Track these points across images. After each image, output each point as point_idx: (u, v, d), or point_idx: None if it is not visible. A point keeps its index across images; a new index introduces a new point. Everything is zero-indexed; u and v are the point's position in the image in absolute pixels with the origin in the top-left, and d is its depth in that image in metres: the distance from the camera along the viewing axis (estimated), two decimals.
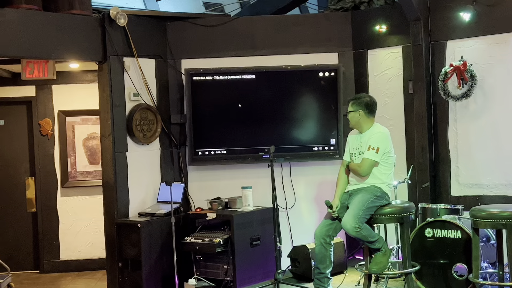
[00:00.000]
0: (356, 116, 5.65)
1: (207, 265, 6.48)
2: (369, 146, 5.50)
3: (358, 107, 5.64)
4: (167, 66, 7.01)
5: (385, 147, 5.53)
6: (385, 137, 5.57)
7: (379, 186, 5.49)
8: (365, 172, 5.51)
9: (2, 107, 7.98)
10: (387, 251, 5.43)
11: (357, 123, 5.68)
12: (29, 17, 5.95)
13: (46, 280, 7.71)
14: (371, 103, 5.68)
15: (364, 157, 5.52)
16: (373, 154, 5.48)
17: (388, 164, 5.58)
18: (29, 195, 8.08)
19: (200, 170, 7.04)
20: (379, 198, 5.46)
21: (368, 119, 5.65)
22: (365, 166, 5.50)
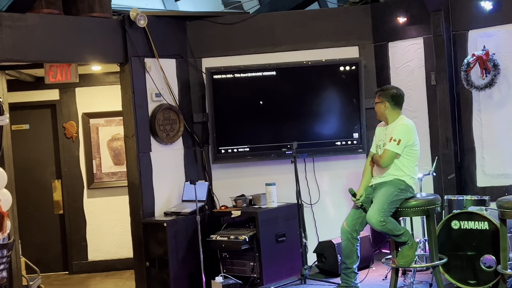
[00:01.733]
0: (381, 107, 5.62)
1: (234, 263, 6.50)
2: (391, 137, 5.47)
3: (384, 99, 5.60)
4: (188, 65, 7.04)
5: (407, 139, 5.48)
6: (408, 129, 5.53)
7: (403, 179, 5.46)
8: (385, 163, 5.47)
9: (27, 111, 8.07)
10: (414, 244, 5.39)
11: (383, 115, 5.64)
12: (51, 21, 6.02)
13: (75, 281, 7.80)
14: (397, 95, 5.63)
15: (385, 148, 5.50)
16: (394, 145, 5.44)
17: (412, 157, 5.53)
18: (56, 198, 8.18)
19: (224, 168, 7.06)
20: (404, 191, 5.42)
21: (393, 111, 5.62)
22: (385, 157, 5.47)
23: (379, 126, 5.78)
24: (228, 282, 6.04)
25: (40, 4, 6.02)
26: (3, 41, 5.65)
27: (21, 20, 5.77)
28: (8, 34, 5.68)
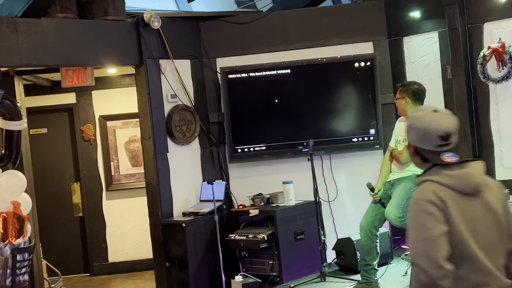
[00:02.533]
0: (402, 103, 5.56)
1: (253, 261, 6.51)
2: None
3: (405, 94, 5.56)
4: (202, 65, 7.06)
5: None
6: None
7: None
8: (405, 159, 5.43)
9: (45, 115, 8.15)
10: None
11: (403, 111, 5.58)
12: (66, 25, 6.07)
13: (96, 282, 7.87)
14: (419, 90, 5.58)
15: (405, 144, 5.46)
16: None
17: None
18: (75, 200, 8.25)
19: (241, 167, 7.08)
20: None
21: (414, 107, 5.57)
22: (405, 153, 5.43)
23: (399, 121, 5.74)
24: (247, 281, 6.05)
25: (54, 9, 6.07)
26: (19, 47, 5.71)
27: (36, 25, 5.82)
28: (24, 40, 5.74)
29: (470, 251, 2.37)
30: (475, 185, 2.45)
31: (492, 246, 2.43)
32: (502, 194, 2.54)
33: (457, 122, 2.53)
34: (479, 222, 2.43)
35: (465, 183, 2.44)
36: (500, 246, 2.46)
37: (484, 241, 2.41)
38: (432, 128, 2.47)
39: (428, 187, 2.45)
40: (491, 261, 2.41)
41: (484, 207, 2.46)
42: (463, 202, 2.42)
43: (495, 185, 2.56)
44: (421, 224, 2.37)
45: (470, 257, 2.37)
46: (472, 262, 2.38)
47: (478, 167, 2.52)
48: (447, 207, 2.38)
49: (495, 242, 2.45)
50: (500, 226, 2.47)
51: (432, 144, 2.48)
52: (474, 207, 2.43)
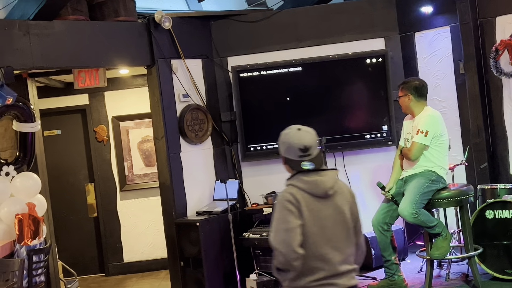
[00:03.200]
0: (406, 100, 5.58)
1: (267, 260, 6.50)
2: (418, 129, 5.42)
3: (407, 91, 5.57)
4: (213, 65, 7.07)
5: (435, 130, 5.42)
6: (435, 120, 5.47)
7: (434, 170, 5.40)
8: (414, 156, 5.42)
9: (58, 117, 8.20)
10: (448, 235, 5.34)
11: (408, 108, 5.60)
12: (77, 27, 6.10)
13: (112, 282, 7.90)
14: (420, 86, 5.58)
15: (413, 141, 5.45)
16: (421, 137, 5.39)
17: (441, 147, 5.47)
18: (90, 201, 8.29)
19: (253, 165, 7.08)
20: (435, 182, 5.37)
21: (418, 103, 5.56)
22: (414, 150, 5.41)
23: (406, 119, 5.74)
24: (262, 279, 6.06)
25: (66, 11, 6.10)
26: (32, 49, 5.75)
27: (48, 28, 5.86)
28: (36, 42, 5.78)
29: (316, 242, 3.01)
30: (325, 190, 3.07)
31: (337, 239, 3.07)
32: (351, 197, 3.17)
33: (315, 138, 3.21)
34: (327, 219, 3.05)
35: (316, 188, 3.06)
36: (346, 239, 3.10)
37: (330, 235, 3.05)
38: (294, 142, 3.15)
39: (289, 190, 3.09)
40: (335, 251, 3.04)
41: (333, 207, 3.08)
42: (314, 203, 3.04)
43: (347, 190, 3.18)
44: (282, 218, 3.02)
45: (314, 246, 3.00)
46: (312, 252, 3.00)
47: (331, 175, 3.13)
48: (300, 206, 3.01)
49: (341, 236, 3.08)
50: (346, 223, 3.10)
51: (295, 155, 3.15)
52: (323, 207, 3.06)
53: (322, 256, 3.03)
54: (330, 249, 3.04)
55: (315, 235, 3.02)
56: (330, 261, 3.04)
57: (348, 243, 3.11)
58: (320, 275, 3.03)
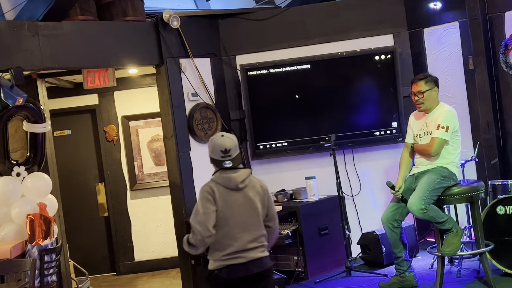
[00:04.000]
0: (433, 94, 5.48)
1: (278, 257, 6.51)
2: (439, 125, 5.36)
3: (433, 84, 5.51)
4: (222, 63, 7.08)
5: (454, 125, 5.40)
6: (454, 115, 5.44)
7: (446, 166, 5.37)
8: (435, 151, 5.37)
9: (68, 117, 8.23)
10: (459, 231, 5.31)
11: (435, 101, 5.50)
12: (86, 28, 6.12)
13: (123, 281, 7.93)
14: (438, 80, 5.59)
15: (433, 136, 5.38)
16: (443, 133, 5.34)
17: (456, 143, 5.45)
18: (101, 200, 8.32)
19: (263, 163, 7.08)
20: (446, 179, 5.34)
21: (437, 98, 5.56)
22: (435, 145, 5.35)
23: (413, 115, 5.69)
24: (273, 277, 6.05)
25: (74, 12, 6.13)
26: (41, 50, 5.78)
27: (57, 29, 5.88)
28: (45, 43, 5.80)
29: (227, 225, 3.87)
30: (236, 184, 3.91)
31: (247, 223, 3.91)
32: (262, 191, 4.01)
33: (236, 142, 4.00)
34: (237, 207, 3.90)
35: (229, 183, 3.92)
36: (255, 223, 3.94)
37: (240, 219, 3.89)
38: (217, 145, 3.96)
39: (209, 183, 3.96)
40: (244, 232, 3.89)
41: (244, 198, 3.93)
42: (227, 194, 3.90)
43: (259, 185, 4.02)
44: (201, 204, 3.88)
45: (226, 228, 3.87)
46: (226, 231, 3.88)
47: (244, 172, 3.98)
48: (215, 196, 3.89)
49: (250, 220, 3.92)
50: (256, 211, 3.94)
51: (218, 156, 3.97)
52: (235, 198, 3.91)
53: (233, 235, 3.89)
54: (240, 230, 3.89)
55: (226, 219, 3.88)
56: (239, 240, 3.89)
57: (258, 226, 3.96)
58: (231, 250, 3.88)
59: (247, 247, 3.90)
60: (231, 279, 3.88)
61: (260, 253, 3.95)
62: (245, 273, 3.89)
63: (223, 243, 3.87)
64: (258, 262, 3.93)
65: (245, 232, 3.90)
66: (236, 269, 3.89)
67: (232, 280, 3.88)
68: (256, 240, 3.93)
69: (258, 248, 3.94)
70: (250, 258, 3.90)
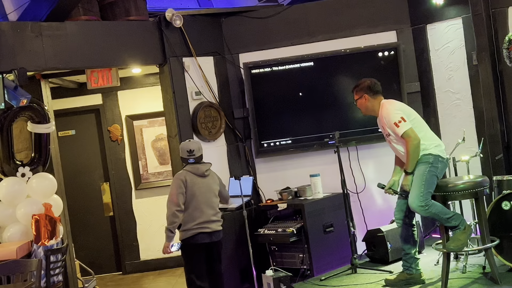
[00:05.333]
0: (363, 102, 5.54)
1: (283, 255, 6.52)
2: (395, 122, 5.29)
3: (361, 93, 5.55)
4: (225, 62, 7.08)
5: (402, 114, 5.34)
6: (393, 108, 5.39)
7: (428, 152, 5.31)
8: (415, 138, 5.27)
9: (72, 117, 8.25)
10: (467, 228, 5.25)
11: (367, 108, 5.55)
12: (89, 28, 6.13)
13: (129, 280, 7.95)
14: (373, 84, 5.56)
15: (402, 133, 5.27)
16: (403, 125, 5.27)
17: (417, 126, 5.37)
18: (106, 200, 8.34)
19: (267, 161, 7.09)
20: (434, 164, 5.25)
21: (375, 100, 5.54)
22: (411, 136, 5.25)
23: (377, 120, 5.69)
24: (278, 275, 6.06)
25: (77, 12, 6.14)
26: (45, 51, 5.79)
27: (60, 29, 5.89)
28: (49, 43, 5.82)
29: (196, 201, 5.52)
30: (202, 172, 5.62)
31: (210, 201, 5.60)
32: (218, 179, 5.77)
33: (199, 146, 5.71)
34: (204, 189, 5.59)
35: (197, 170, 5.60)
36: (215, 201, 5.68)
37: (205, 197, 5.57)
38: (185, 147, 5.68)
39: (182, 172, 5.63)
40: (208, 207, 5.56)
41: (207, 183, 5.63)
42: (195, 179, 5.57)
43: (215, 175, 5.77)
44: (175, 187, 5.52)
45: (194, 204, 5.52)
46: (195, 207, 5.52)
47: (207, 165, 5.73)
48: (186, 181, 5.54)
49: (211, 199, 5.62)
50: (214, 192, 5.68)
51: (185, 155, 5.67)
52: (201, 182, 5.60)
53: (200, 209, 5.51)
54: (205, 206, 5.55)
55: (195, 196, 5.51)
56: (205, 213, 5.53)
57: (217, 205, 5.67)
58: (200, 221, 5.50)
59: (211, 219, 5.54)
60: (200, 243, 5.46)
61: (219, 227, 5.62)
62: (210, 240, 5.52)
63: (193, 216, 5.48)
64: (217, 233, 5.59)
65: (209, 207, 5.55)
66: (204, 236, 5.50)
67: (201, 244, 5.47)
68: (215, 215, 5.61)
69: (218, 222, 5.61)
70: (213, 229, 5.53)
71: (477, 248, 5.69)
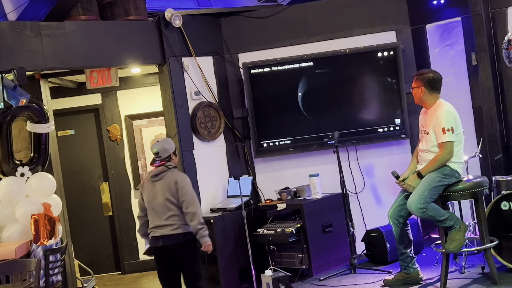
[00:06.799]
0: (418, 92, 5.51)
1: (282, 255, 6.52)
2: (443, 128, 5.31)
3: (420, 83, 5.50)
4: (224, 62, 7.07)
5: (456, 125, 5.38)
6: (454, 115, 5.39)
7: (447, 164, 5.35)
8: (450, 153, 5.30)
9: (71, 117, 8.24)
10: (462, 227, 5.27)
11: (420, 100, 5.53)
12: (88, 27, 6.13)
13: (128, 280, 7.95)
14: (434, 79, 5.50)
15: (443, 141, 5.29)
16: (450, 135, 5.26)
17: (457, 141, 5.43)
18: (105, 200, 8.33)
19: (266, 161, 7.09)
20: (447, 177, 5.31)
21: (431, 96, 5.50)
22: (448, 149, 5.28)
23: (422, 113, 5.67)
24: (277, 275, 6.05)
25: (77, 12, 6.14)
26: (44, 50, 5.79)
27: (59, 29, 5.89)
28: (48, 43, 5.81)
29: (148, 206, 5.41)
30: (151, 176, 5.39)
31: (157, 206, 5.35)
32: (173, 183, 5.29)
33: (163, 147, 5.39)
34: (150, 194, 5.40)
35: (152, 174, 5.41)
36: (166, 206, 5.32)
37: (152, 203, 5.38)
38: (152, 148, 5.47)
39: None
40: (156, 212, 5.35)
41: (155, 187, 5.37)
42: (147, 183, 5.44)
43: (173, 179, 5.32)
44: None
45: (148, 208, 5.42)
46: (149, 211, 5.42)
47: (161, 169, 5.37)
48: (143, 186, 5.48)
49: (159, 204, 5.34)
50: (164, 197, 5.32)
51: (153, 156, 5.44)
52: (151, 186, 5.40)
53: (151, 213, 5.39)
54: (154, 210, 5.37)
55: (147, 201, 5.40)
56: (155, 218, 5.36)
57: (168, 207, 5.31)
58: (152, 225, 5.40)
59: (161, 224, 5.32)
60: (154, 246, 5.38)
61: (171, 231, 5.30)
62: (163, 244, 5.32)
63: (150, 220, 5.42)
64: (170, 237, 5.30)
65: (158, 212, 5.34)
66: (155, 240, 5.36)
67: (156, 248, 5.37)
68: (168, 219, 5.30)
69: (169, 226, 5.30)
70: (163, 234, 5.31)
71: (476, 249, 5.70)
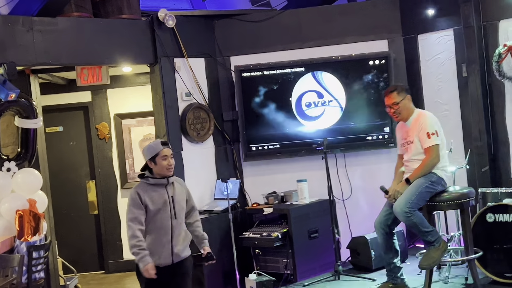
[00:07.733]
0: (407, 102, 5.51)
1: (267, 259, 6.51)
2: (427, 132, 5.34)
3: (405, 94, 5.53)
4: (216, 64, 7.07)
5: (439, 129, 5.42)
6: (435, 119, 5.47)
7: (434, 172, 5.37)
8: (436, 158, 5.32)
9: (60, 114, 8.20)
10: (442, 246, 5.25)
11: (409, 110, 5.53)
12: (81, 24, 6.10)
13: (111, 280, 7.90)
14: (408, 88, 5.62)
15: (429, 145, 5.32)
16: (435, 138, 5.31)
17: (442, 145, 5.44)
18: (91, 198, 8.29)
19: (255, 165, 7.08)
20: (434, 184, 5.33)
21: (411, 105, 5.57)
22: (434, 152, 5.31)
23: (397, 126, 5.71)
24: (261, 279, 6.06)
25: (70, 8, 6.11)
26: (35, 46, 5.76)
27: (51, 24, 5.87)
28: (39, 39, 5.78)
29: None
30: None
31: None
32: None
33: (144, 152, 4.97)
34: None
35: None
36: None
37: None
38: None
39: None
40: None
41: None
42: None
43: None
44: None
45: None
46: None
47: None
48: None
49: None
50: None
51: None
52: None
53: None
54: None
55: None
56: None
57: None
58: None
59: None
60: None
61: None
62: None
63: None
64: None
65: None
66: None
67: None
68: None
69: None
70: None
71: (460, 259, 5.72)
